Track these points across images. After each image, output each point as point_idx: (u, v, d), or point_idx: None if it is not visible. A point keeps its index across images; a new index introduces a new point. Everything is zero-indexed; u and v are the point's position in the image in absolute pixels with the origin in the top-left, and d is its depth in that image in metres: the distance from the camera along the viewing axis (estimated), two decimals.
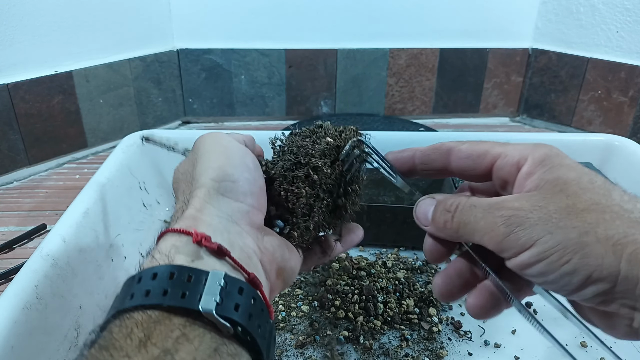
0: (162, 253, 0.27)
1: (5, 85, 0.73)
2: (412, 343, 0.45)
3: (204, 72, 0.97)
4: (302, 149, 0.34)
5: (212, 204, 0.30)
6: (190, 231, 0.27)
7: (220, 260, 0.27)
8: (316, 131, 0.37)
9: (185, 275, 0.25)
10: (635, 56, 0.88)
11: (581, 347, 0.45)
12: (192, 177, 0.32)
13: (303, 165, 0.34)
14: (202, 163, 0.32)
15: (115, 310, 0.25)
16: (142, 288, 0.25)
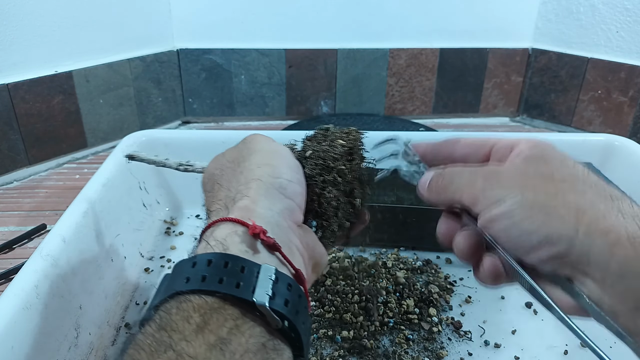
0: (217, 240, 0.27)
1: (5, 85, 0.73)
2: (412, 343, 0.45)
3: (204, 72, 0.97)
4: (328, 154, 0.36)
5: (266, 198, 0.30)
6: (248, 223, 0.28)
7: (271, 254, 0.28)
8: (326, 135, 0.38)
9: (239, 266, 0.26)
10: (635, 56, 0.88)
11: (581, 347, 0.45)
12: (244, 168, 0.32)
13: (331, 169, 0.35)
14: (258, 158, 0.32)
15: (173, 292, 0.25)
16: (199, 273, 0.25)
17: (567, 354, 0.45)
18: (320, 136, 0.38)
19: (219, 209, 0.31)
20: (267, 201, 0.30)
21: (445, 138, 0.37)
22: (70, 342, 0.41)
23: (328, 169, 0.35)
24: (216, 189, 0.33)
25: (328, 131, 0.39)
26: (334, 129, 0.39)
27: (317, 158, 0.36)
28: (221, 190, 0.32)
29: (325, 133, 0.39)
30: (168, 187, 0.67)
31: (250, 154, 0.33)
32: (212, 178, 0.34)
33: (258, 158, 0.33)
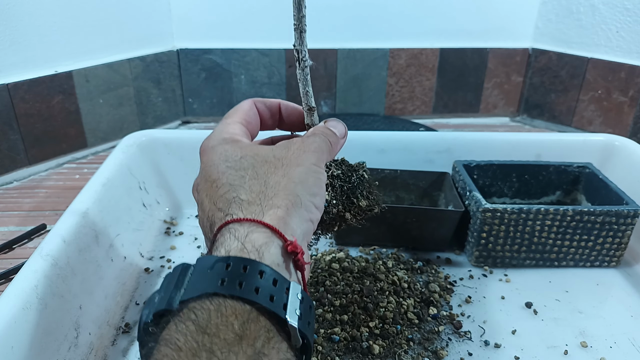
0: (254, 247, 0.27)
1: (5, 85, 0.73)
2: (412, 343, 0.45)
3: (203, 72, 0.97)
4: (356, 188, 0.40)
5: (297, 215, 0.30)
6: (289, 239, 0.28)
7: (295, 272, 0.29)
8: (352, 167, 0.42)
9: (272, 278, 0.26)
10: (635, 56, 0.88)
11: (581, 347, 0.45)
12: (287, 175, 0.31)
13: (352, 205, 0.40)
14: (299, 175, 0.32)
15: (209, 292, 0.24)
16: (235, 278, 0.25)
17: (567, 354, 0.45)
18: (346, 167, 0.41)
19: (251, 202, 0.30)
20: (296, 219, 0.30)
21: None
22: (70, 342, 0.41)
23: (350, 202, 0.39)
24: (247, 177, 0.31)
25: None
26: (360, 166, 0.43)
27: (342, 190, 0.39)
28: (254, 182, 0.31)
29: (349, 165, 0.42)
30: (168, 187, 0.67)
31: (291, 166, 0.32)
32: (241, 166, 0.32)
33: (302, 176, 0.32)
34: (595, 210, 0.53)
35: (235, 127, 0.36)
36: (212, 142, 0.35)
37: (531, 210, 0.53)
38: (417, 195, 0.65)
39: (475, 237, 0.55)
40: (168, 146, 0.67)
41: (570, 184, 0.64)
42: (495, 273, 0.56)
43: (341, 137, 0.39)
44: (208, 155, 0.34)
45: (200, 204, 0.33)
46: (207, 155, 0.34)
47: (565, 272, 0.56)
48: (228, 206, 0.30)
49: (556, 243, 0.55)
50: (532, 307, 0.50)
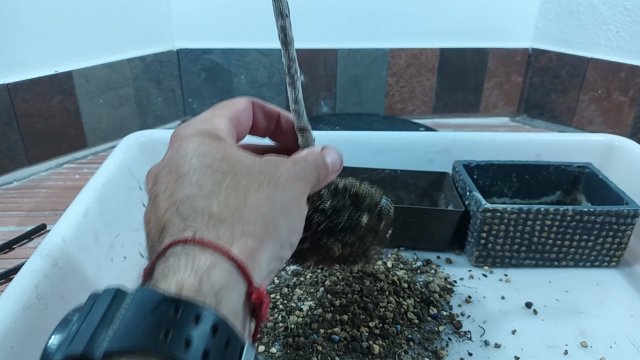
0: (212, 289, 0.22)
1: (5, 85, 0.73)
2: (412, 343, 0.45)
3: (203, 72, 0.97)
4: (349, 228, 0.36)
5: (269, 251, 0.25)
6: (255, 281, 0.23)
7: (250, 320, 0.24)
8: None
9: (225, 339, 0.21)
10: (635, 56, 0.88)
11: (581, 347, 0.45)
12: (267, 196, 0.26)
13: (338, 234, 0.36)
14: (284, 203, 0.27)
15: (151, 348, 0.19)
16: (182, 335, 0.20)
17: (567, 354, 0.45)
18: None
19: (222, 219, 0.24)
20: (268, 255, 0.25)
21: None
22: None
23: (318, 245, 0.35)
24: (224, 185, 0.26)
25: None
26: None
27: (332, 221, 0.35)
28: (232, 194, 0.26)
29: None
30: None
31: (282, 190, 0.27)
32: (199, 160, 0.27)
33: (286, 202, 0.27)
34: (595, 210, 0.53)
35: (222, 121, 0.30)
36: (189, 130, 0.29)
37: (531, 210, 0.53)
38: (417, 195, 0.65)
39: (475, 237, 0.55)
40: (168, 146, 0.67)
41: (570, 184, 0.64)
42: (495, 273, 0.56)
43: (332, 172, 0.33)
44: (181, 142, 0.28)
45: (153, 197, 0.26)
46: (180, 143, 0.28)
47: (565, 272, 0.56)
48: (193, 216, 0.24)
49: (556, 243, 0.55)
50: (532, 307, 0.50)
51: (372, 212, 0.37)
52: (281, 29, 0.29)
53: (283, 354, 0.44)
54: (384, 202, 0.38)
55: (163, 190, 0.26)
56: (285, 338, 0.45)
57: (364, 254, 0.37)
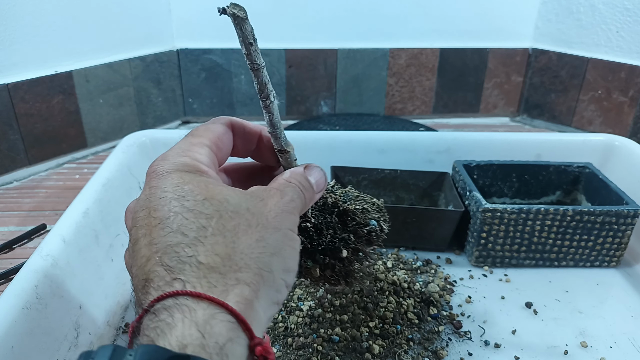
0: (217, 344, 0.20)
1: (5, 85, 0.73)
2: (412, 343, 0.45)
3: (203, 72, 0.97)
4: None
5: (265, 297, 0.24)
6: (257, 334, 0.22)
7: None
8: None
9: None
10: (635, 56, 0.88)
11: (581, 347, 0.45)
12: (258, 239, 0.25)
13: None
14: (276, 243, 0.25)
15: None
16: None
17: (567, 354, 0.45)
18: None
19: (212, 267, 0.22)
20: (265, 301, 0.24)
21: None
22: (70, 342, 0.40)
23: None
24: (209, 230, 0.24)
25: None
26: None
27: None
28: (219, 240, 0.24)
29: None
30: None
31: (272, 229, 0.25)
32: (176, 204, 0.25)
33: (278, 241, 0.25)
34: (595, 210, 0.53)
35: (202, 151, 0.28)
36: (166, 165, 0.27)
37: (531, 210, 0.53)
38: (417, 195, 0.65)
39: (475, 237, 0.55)
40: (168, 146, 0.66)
41: (570, 184, 0.64)
42: (495, 273, 0.56)
43: (317, 192, 0.32)
44: (159, 180, 0.26)
45: (133, 241, 0.25)
46: (158, 181, 0.26)
47: (565, 272, 0.56)
48: (180, 266, 0.22)
49: (556, 243, 0.55)
50: (532, 307, 0.50)
51: (358, 237, 0.35)
52: (247, 57, 0.28)
53: (283, 354, 0.44)
54: (373, 224, 0.35)
55: (143, 234, 0.24)
56: (285, 338, 0.45)
57: (347, 276, 0.35)
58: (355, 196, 0.37)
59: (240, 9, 0.26)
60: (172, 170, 0.26)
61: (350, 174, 0.64)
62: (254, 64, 0.28)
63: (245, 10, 0.26)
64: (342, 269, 0.35)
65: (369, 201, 0.37)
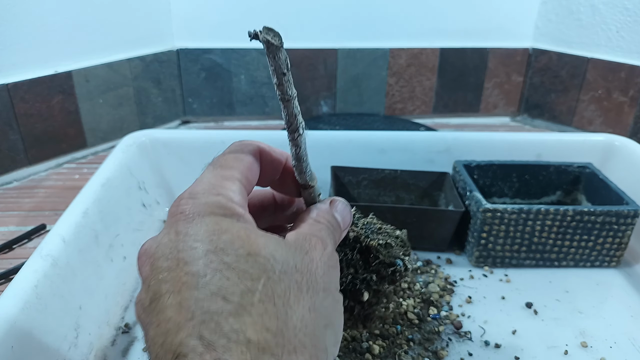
0: None
1: (5, 85, 0.73)
2: (412, 343, 0.45)
3: (203, 72, 0.97)
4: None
5: None
6: None
7: None
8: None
9: None
10: (635, 56, 0.88)
11: (581, 347, 0.45)
12: (310, 308, 0.21)
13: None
14: (327, 311, 0.22)
15: None
16: None
17: (567, 354, 0.45)
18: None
19: (264, 348, 0.19)
20: None
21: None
22: (70, 342, 0.40)
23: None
24: (257, 295, 0.20)
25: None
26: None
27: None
28: (269, 310, 0.20)
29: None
30: (168, 187, 0.67)
31: (322, 291, 0.22)
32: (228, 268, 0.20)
33: (330, 308, 0.22)
34: (596, 210, 0.53)
35: (235, 188, 0.24)
36: (198, 206, 0.22)
37: (531, 210, 0.53)
38: (417, 195, 0.65)
39: (475, 237, 0.55)
40: (168, 146, 0.67)
41: (570, 184, 0.64)
42: (496, 273, 0.56)
43: (344, 229, 0.29)
44: (188, 225, 0.22)
45: (154, 296, 0.21)
46: (187, 226, 0.22)
47: (565, 272, 0.56)
48: (223, 342, 0.18)
49: (556, 243, 0.55)
50: (532, 307, 0.50)
51: (381, 277, 0.32)
52: (277, 88, 0.24)
53: None
54: (398, 263, 0.32)
55: (168, 291, 0.20)
56: None
57: (365, 320, 0.32)
58: (378, 228, 0.33)
59: (275, 35, 0.23)
60: (205, 214, 0.22)
61: (350, 174, 0.64)
62: (286, 94, 0.24)
63: (280, 36, 0.23)
64: (361, 311, 0.32)
65: (392, 234, 0.34)
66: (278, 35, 0.23)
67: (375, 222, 0.34)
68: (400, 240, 0.34)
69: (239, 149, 0.27)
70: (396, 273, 0.32)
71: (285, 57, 0.23)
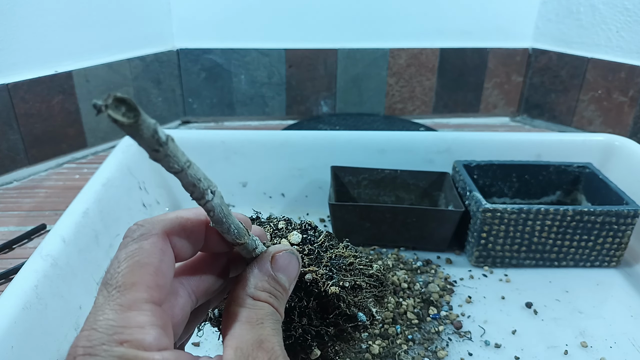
0: None
1: (5, 85, 0.73)
2: (412, 343, 0.45)
3: (203, 72, 0.97)
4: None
5: None
6: None
7: None
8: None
9: None
10: (635, 56, 0.88)
11: (581, 347, 0.45)
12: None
13: None
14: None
15: None
16: None
17: (567, 354, 0.45)
18: None
19: None
20: None
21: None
22: (70, 342, 0.40)
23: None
24: None
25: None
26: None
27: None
28: None
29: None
30: (168, 187, 0.67)
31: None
32: None
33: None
34: (595, 210, 0.53)
35: (144, 319, 0.19)
36: (94, 355, 0.18)
37: (531, 210, 0.53)
38: (417, 195, 0.65)
39: (475, 237, 0.55)
40: None
41: (570, 184, 0.64)
42: (495, 273, 0.56)
43: (290, 287, 0.25)
44: None
45: None
46: None
47: (565, 272, 0.56)
48: None
49: (556, 243, 0.55)
50: (532, 307, 0.50)
51: (340, 330, 0.28)
52: (160, 162, 0.19)
53: None
54: (361, 318, 0.28)
55: None
56: None
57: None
58: (349, 264, 0.29)
59: (129, 109, 0.17)
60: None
61: (350, 174, 0.64)
62: (172, 169, 0.19)
63: (136, 108, 0.17)
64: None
65: (365, 271, 0.29)
66: (133, 108, 0.17)
67: (347, 254, 0.29)
68: (375, 280, 0.29)
69: (136, 249, 0.21)
70: (358, 327, 0.28)
71: (152, 131, 0.17)
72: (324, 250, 0.29)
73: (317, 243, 0.29)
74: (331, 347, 0.28)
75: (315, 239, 0.29)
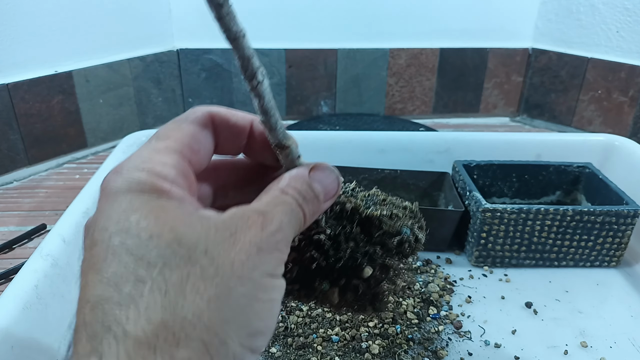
0: None
1: (5, 85, 0.73)
2: (412, 343, 0.45)
3: (203, 72, 0.97)
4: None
5: None
6: None
7: None
8: None
9: None
10: (635, 56, 0.88)
11: (581, 347, 0.45)
12: (212, 298, 0.18)
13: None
14: (237, 302, 0.19)
15: None
16: None
17: (567, 354, 0.45)
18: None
19: (141, 341, 0.17)
20: None
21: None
22: (70, 343, 0.40)
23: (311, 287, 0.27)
24: (147, 285, 0.18)
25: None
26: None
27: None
28: (158, 300, 0.18)
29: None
30: None
31: (237, 278, 0.19)
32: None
33: (241, 298, 0.19)
34: (595, 210, 0.53)
35: (167, 160, 0.21)
36: (119, 182, 0.20)
37: (531, 210, 0.53)
38: (417, 195, 0.65)
39: (475, 237, 0.55)
40: None
41: (570, 184, 0.64)
42: (495, 273, 0.56)
43: (326, 201, 0.25)
44: (106, 203, 0.20)
45: (81, 272, 0.21)
46: (105, 203, 0.20)
47: (565, 272, 0.56)
48: (101, 335, 0.17)
49: (556, 243, 0.55)
50: (532, 307, 0.50)
51: (387, 250, 0.28)
52: (219, 23, 0.20)
53: (283, 354, 0.44)
54: (405, 232, 0.28)
55: (83, 271, 0.20)
56: (285, 338, 0.45)
57: (373, 300, 0.29)
58: (382, 200, 0.29)
59: None
60: (123, 191, 0.20)
61: (350, 174, 0.64)
62: (230, 32, 0.19)
63: None
64: (367, 290, 0.28)
65: (399, 205, 0.30)
66: None
67: (380, 194, 0.30)
68: (410, 211, 0.30)
69: (184, 117, 0.25)
70: (404, 244, 0.28)
71: None
72: (356, 191, 0.29)
73: (350, 187, 0.29)
74: (381, 265, 0.28)
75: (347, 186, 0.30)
